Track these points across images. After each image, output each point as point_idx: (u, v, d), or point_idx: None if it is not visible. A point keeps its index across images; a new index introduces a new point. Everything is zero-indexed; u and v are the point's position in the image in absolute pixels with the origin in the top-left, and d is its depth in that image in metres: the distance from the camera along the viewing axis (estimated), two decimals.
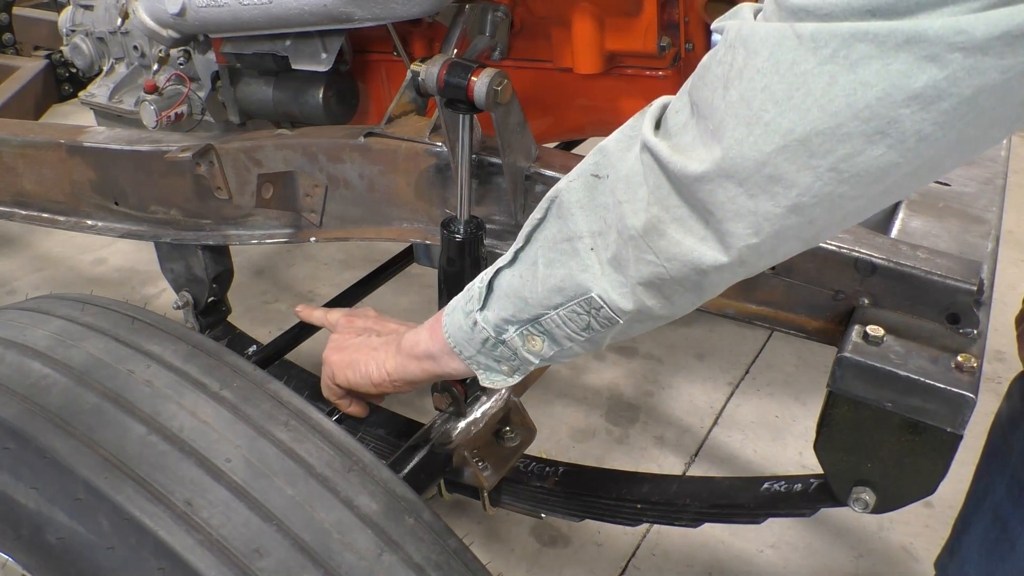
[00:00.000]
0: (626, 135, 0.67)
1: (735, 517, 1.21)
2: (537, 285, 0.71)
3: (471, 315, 0.77)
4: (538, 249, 0.71)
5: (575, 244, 0.68)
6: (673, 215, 0.61)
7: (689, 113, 0.60)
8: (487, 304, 0.76)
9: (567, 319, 0.71)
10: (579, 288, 0.68)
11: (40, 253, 2.85)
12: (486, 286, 0.76)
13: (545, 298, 0.70)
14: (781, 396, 2.23)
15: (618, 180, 0.64)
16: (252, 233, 1.29)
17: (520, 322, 0.74)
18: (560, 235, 0.69)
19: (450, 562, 0.75)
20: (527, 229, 0.73)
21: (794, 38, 0.52)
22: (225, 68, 1.31)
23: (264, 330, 2.33)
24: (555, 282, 0.69)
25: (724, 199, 0.57)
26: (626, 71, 1.15)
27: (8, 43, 2.24)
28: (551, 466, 1.34)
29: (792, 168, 0.54)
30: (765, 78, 0.53)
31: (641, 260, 0.64)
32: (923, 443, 0.89)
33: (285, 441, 0.76)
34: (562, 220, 0.69)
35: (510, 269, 0.74)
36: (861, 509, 0.98)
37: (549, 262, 0.70)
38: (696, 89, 0.59)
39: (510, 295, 0.73)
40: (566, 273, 0.69)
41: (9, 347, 0.82)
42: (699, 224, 0.60)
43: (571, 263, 0.68)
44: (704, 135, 0.58)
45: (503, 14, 1.12)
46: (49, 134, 1.43)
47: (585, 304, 0.69)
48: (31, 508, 0.71)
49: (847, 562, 1.77)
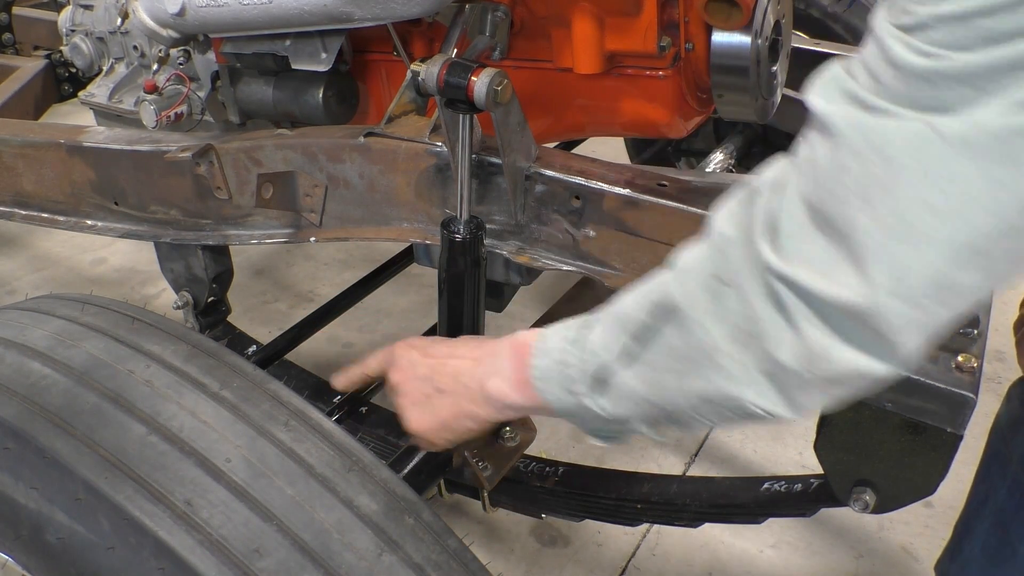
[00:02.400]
0: (734, 230, 0.61)
1: (735, 517, 1.21)
2: (673, 395, 0.67)
3: (580, 397, 0.73)
4: (661, 359, 0.67)
5: (715, 358, 0.62)
6: (827, 343, 0.56)
7: (809, 223, 0.56)
8: (603, 394, 0.71)
9: (710, 416, 0.67)
10: (728, 398, 0.64)
11: (40, 253, 2.84)
12: (591, 376, 0.71)
13: (687, 405, 0.67)
14: None
15: (747, 300, 0.59)
16: (252, 233, 1.29)
17: (651, 420, 0.71)
18: (690, 348, 0.64)
19: (450, 562, 0.75)
20: (634, 330, 0.68)
21: (939, 141, 0.49)
22: (225, 68, 1.31)
23: (264, 330, 2.33)
24: (697, 392, 0.65)
25: (891, 318, 0.54)
26: (626, 71, 1.15)
27: (8, 43, 2.24)
28: (551, 466, 1.34)
29: (963, 274, 0.52)
30: (918, 190, 0.50)
31: (799, 381, 0.60)
32: (923, 443, 0.89)
33: (285, 441, 0.76)
34: (688, 333, 0.64)
35: (626, 371, 0.69)
36: (861, 509, 0.98)
37: (682, 373, 0.65)
38: (823, 202, 0.55)
39: (634, 399, 0.70)
40: (710, 386, 0.64)
41: (9, 347, 0.82)
42: (860, 344, 0.56)
43: (714, 376, 0.63)
44: (849, 254, 0.54)
45: (503, 14, 1.12)
46: (49, 134, 1.43)
47: (736, 408, 0.64)
48: (31, 508, 0.71)
49: (847, 562, 1.77)
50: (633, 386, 0.69)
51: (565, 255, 1.10)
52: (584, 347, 0.72)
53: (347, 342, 2.41)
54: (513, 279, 1.29)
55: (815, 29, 2.01)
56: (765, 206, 0.59)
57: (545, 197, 1.07)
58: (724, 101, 1.16)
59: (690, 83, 1.16)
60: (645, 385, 0.68)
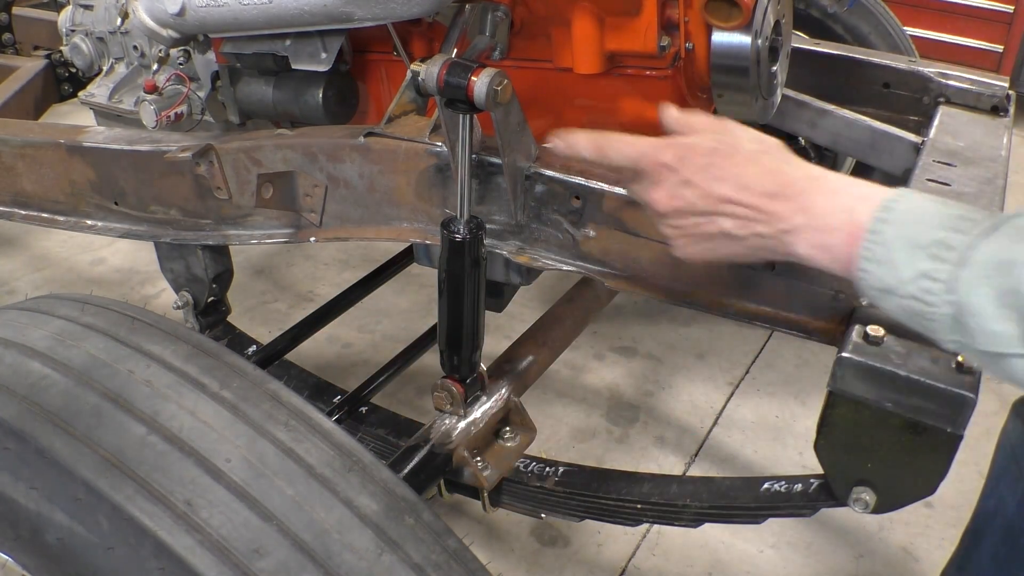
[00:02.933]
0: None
1: (735, 517, 1.21)
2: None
3: (926, 329, 0.68)
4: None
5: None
6: None
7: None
8: (966, 350, 0.67)
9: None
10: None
11: (40, 253, 2.84)
12: (955, 321, 0.66)
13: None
14: (781, 396, 2.23)
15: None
16: (252, 233, 1.29)
17: (1006, 380, 0.67)
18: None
19: (450, 562, 0.75)
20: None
21: None
22: (225, 68, 1.31)
23: (264, 330, 2.33)
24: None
25: None
26: (626, 71, 1.15)
27: (8, 43, 2.24)
28: (551, 466, 1.34)
29: None
30: None
31: None
32: (923, 443, 0.89)
33: (285, 441, 0.76)
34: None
35: None
36: (861, 509, 0.98)
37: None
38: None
39: (1014, 378, 0.66)
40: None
41: (9, 347, 0.82)
42: None
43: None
44: None
45: (503, 14, 1.12)
46: (49, 134, 1.43)
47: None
48: (31, 508, 0.71)
49: (847, 562, 1.77)
50: (1020, 372, 0.64)
51: (565, 255, 1.10)
52: (963, 303, 0.65)
53: (347, 342, 2.41)
54: (513, 279, 1.29)
55: (815, 29, 2.01)
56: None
57: (545, 197, 1.07)
58: (724, 101, 1.16)
59: (690, 83, 1.16)
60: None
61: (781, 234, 0.77)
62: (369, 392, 1.42)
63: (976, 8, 4.15)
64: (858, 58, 1.60)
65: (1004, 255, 0.64)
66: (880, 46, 1.99)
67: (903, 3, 3.01)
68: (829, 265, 0.76)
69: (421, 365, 1.60)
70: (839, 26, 2.03)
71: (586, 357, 2.36)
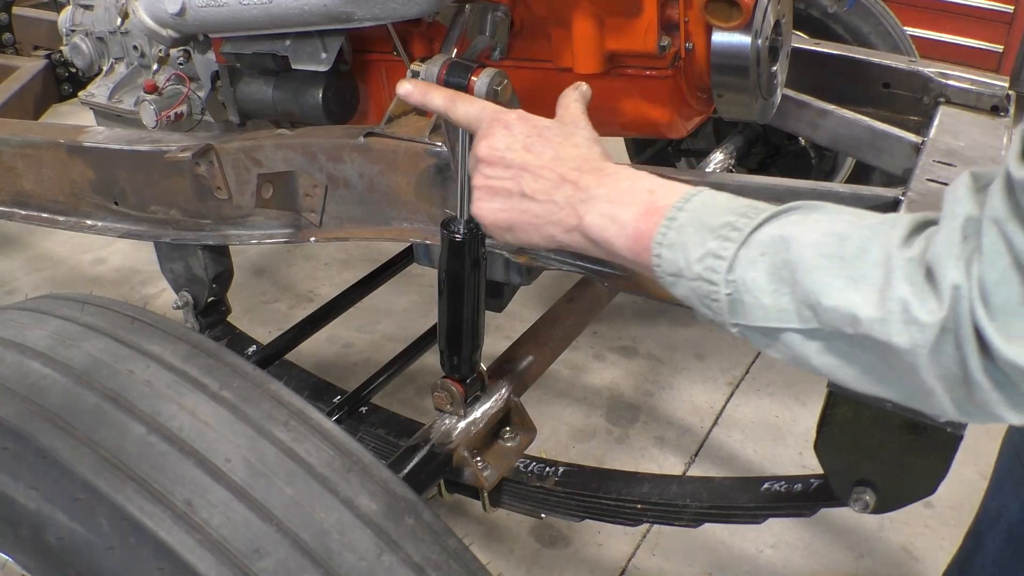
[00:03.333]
0: (961, 279, 0.55)
1: (735, 517, 1.21)
2: (851, 382, 0.64)
3: (713, 312, 0.68)
4: (850, 359, 0.63)
5: (922, 387, 0.60)
6: None
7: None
8: (747, 330, 0.67)
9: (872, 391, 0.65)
10: (911, 405, 0.63)
11: (40, 253, 2.84)
12: (736, 303, 0.67)
13: (858, 387, 0.64)
14: (781, 396, 2.23)
15: (964, 360, 0.55)
16: (252, 233, 1.29)
17: (794, 363, 0.67)
18: (889, 369, 0.61)
19: (450, 562, 0.75)
20: (821, 322, 0.63)
21: None
22: (225, 68, 1.31)
23: (264, 330, 2.33)
24: (881, 394, 0.64)
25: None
26: (626, 71, 1.15)
27: (8, 43, 2.24)
28: (551, 466, 1.34)
29: None
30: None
31: (996, 417, 0.58)
32: (923, 443, 0.89)
33: (285, 441, 0.76)
34: (890, 365, 0.60)
35: (801, 337, 0.65)
36: (861, 509, 0.98)
37: (875, 375, 0.63)
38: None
39: (798, 358, 0.66)
40: (897, 390, 0.62)
41: (9, 347, 0.82)
42: None
43: (904, 383, 0.61)
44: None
45: (503, 14, 1.12)
46: (49, 134, 1.43)
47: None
48: (31, 508, 0.71)
49: (847, 562, 1.77)
50: (805, 352, 0.65)
51: (565, 255, 1.10)
52: (741, 280, 0.66)
53: (347, 342, 2.41)
54: (513, 279, 1.29)
55: (815, 29, 2.01)
56: (979, 262, 0.55)
57: None
58: (724, 101, 1.16)
59: (690, 83, 1.16)
60: (819, 359, 0.64)
61: (578, 202, 0.77)
62: (369, 392, 1.42)
63: (976, 8, 4.15)
64: (858, 58, 1.60)
65: (782, 232, 0.66)
66: (880, 46, 1.99)
67: (903, 3, 3.01)
68: (616, 240, 0.74)
69: (421, 365, 1.60)
70: (839, 26, 2.03)
71: (586, 357, 2.36)
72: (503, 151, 0.82)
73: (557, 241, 0.80)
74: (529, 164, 0.81)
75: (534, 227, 0.81)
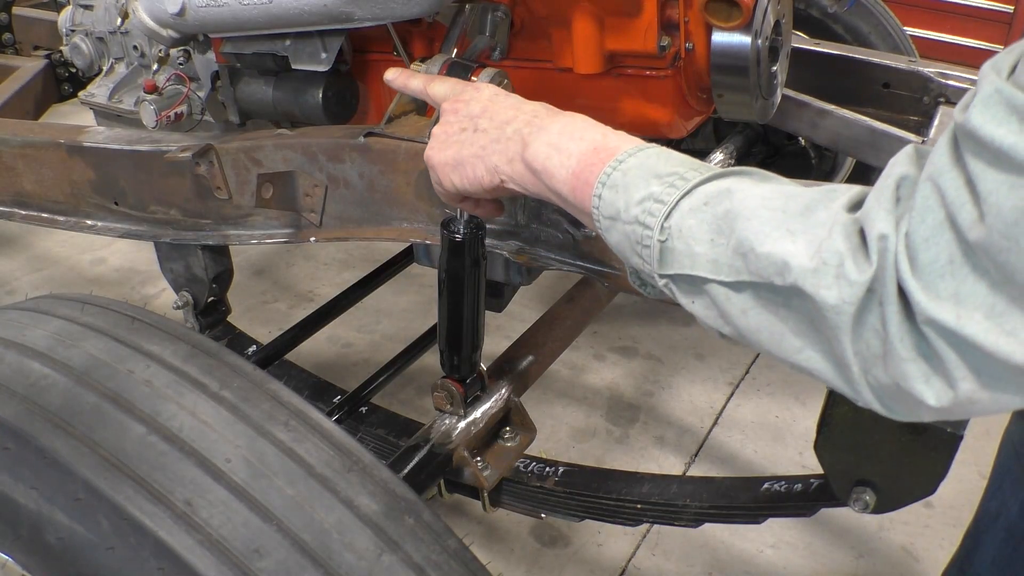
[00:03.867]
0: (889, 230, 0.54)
1: (735, 517, 1.21)
2: (773, 346, 0.63)
3: (642, 261, 0.67)
4: (769, 320, 0.62)
5: (837, 355, 0.58)
6: (979, 395, 0.52)
7: (963, 261, 0.50)
8: (675, 282, 0.66)
9: (790, 363, 0.63)
10: (829, 379, 0.61)
11: (40, 253, 2.84)
12: (677, 274, 0.65)
13: (780, 358, 0.63)
14: (781, 396, 2.23)
15: (887, 328, 0.54)
16: (252, 233, 1.29)
17: (718, 323, 0.66)
18: (811, 328, 0.60)
19: (450, 562, 0.75)
20: (745, 271, 0.61)
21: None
22: (225, 68, 1.30)
23: (264, 330, 2.33)
24: (795, 360, 0.62)
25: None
26: (626, 71, 1.15)
27: (8, 43, 2.24)
28: (551, 466, 1.34)
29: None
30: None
31: (927, 412, 0.56)
32: (923, 443, 0.89)
33: (285, 441, 0.76)
34: (811, 319, 0.59)
35: (720, 288, 0.64)
36: (861, 509, 0.98)
37: (795, 339, 0.61)
38: (994, 249, 0.48)
39: (723, 316, 0.65)
40: (814, 360, 0.60)
41: (9, 347, 0.82)
42: (1015, 391, 0.52)
43: (822, 358, 0.60)
44: (1021, 305, 0.49)
45: (503, 14, 1.12)
46: (49, 134, 1.43)
47: (826, 381, 0.61)
48: (31, 508, 0.71)
49: (847, 562, 1.77)
50: (729, 309, 0.63)
51: (565, 255, 1.10)
52: (677, 227, 0.65)
53: (347, 342, 2.41)
54: (513, 279, 1.29)
55: (815, 29, 2.01)
56: (909, 219, 0.54)
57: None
58: (724, 101, 1.16)
59: (690, 83, 1.16)
60: (743, 318, 0.63)
61: (526, 132, 0.78)
62: (369, 392, 1.41)
63: (976, 8, 4.15)
64: (858, 58, 1.60)
65: (729, 185, 0.65)
66: (880, 46, 1.99)
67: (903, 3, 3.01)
68: (557, 171, 0.74)
69: (421, 365, 1.60)
70: (839, 26, 2.03)
71: (586, 357, 2.36)
72: (467, 101, 0.84)
73: (499, 173, 0.80)
74: (488, 108, 0.83)
75: (479, 159, 0.81)
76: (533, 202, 1.08)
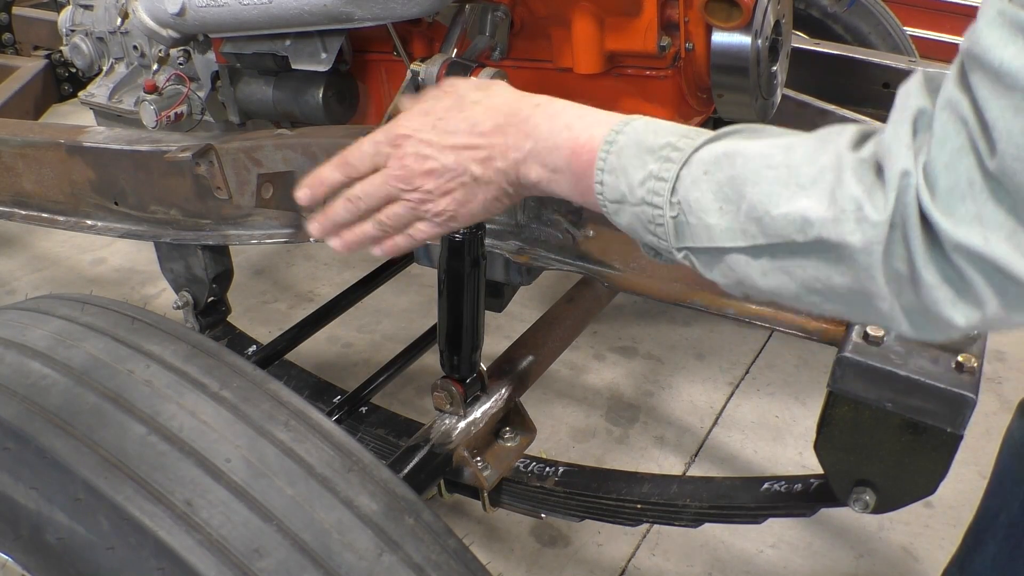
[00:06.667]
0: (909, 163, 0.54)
1: (735, 517, 1.21)
2: (795, 301, 0.63)
3: (657, 239, 0.67)
4: (796, 277, 0.62)
5: (871, 299, 0.58)
6: (1003, 315, 0.53)
7: (984, 187, 0.51)
8: (693, 253, 0.66)
9: (814, 306, 0.63)
10: (854, 316, 0.62)
11: (40, 253, 2.84)
12: (683, 227, 0.65)
13: (803, 301, 0.63)
14: (781, 396, 2.23)
15: (912, 255, 0.54)
16: (252, 233, 1.29)
17: (738, 288, 0.66)
18: (840, 287, 0.60)
19: (450, 562, 0.75)
20: (771, 236, 0.61)
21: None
22: (225, 68, 1.31)
23: (264, 330, 2.33)
24: (826, 311, 0.63)
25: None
26: (626, 71, 1.15)
27: (8, 43, 2.24)
28: (551, 466, 1.34)
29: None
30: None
31: (953, 330, 0.57)
32: (923, 443, 0.89)
33: (285, 441, 0.76)
34: (843, 278, 0.59)
35: (741, 256, 0.63)
36: (861, 509, 0.98)
37: (819, 296, 0.61)
38: (1010, 172, 0.49)
39: (743, 281, 0.64)
40: (850, 308, 0.61)
41: (9, 347, 0.82)
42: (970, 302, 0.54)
43: (858, 306, 0.60)
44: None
45: (503, 14, 1.12)
46: (49, 134, 1.43)
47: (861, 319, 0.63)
48: (31, 508, 0.71)
49: (847, 562, 1.77)
50: (750, 273, 0.63)
51: (565, 255, 1.10)
52: (685, 201, 0.65)
53: (347, 342, 2.41)
54: (513, 279, 1.29)
55: (815, 29, 2.01)
56: (928, 148, 0.53)
57: (545, 197, 1.07)
58: (724, 101, 1.16)
59: (690, 83, 1.16)
60: (763, 280, 0.63)
61: (516, 164, 0.76)
62: (369, 392, 1.42)
63: (976, 8, 4.15)
64: (858, 58, 1.60)
65: (725, 149, 0.64)
66: (880, 46, 1.99)
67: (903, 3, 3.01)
68: (563, 187, 0.74)
69: (421, 365, 1.60)
70: (839, 26, 2.03)
71: (586, 357, 2.36)
72: (429, 160, 0.78)
73: (491, 212, 0.79)
74: (460, 155, 0.77)
75: (502, 196, 0.79)
76: (533, 202, 1.08)
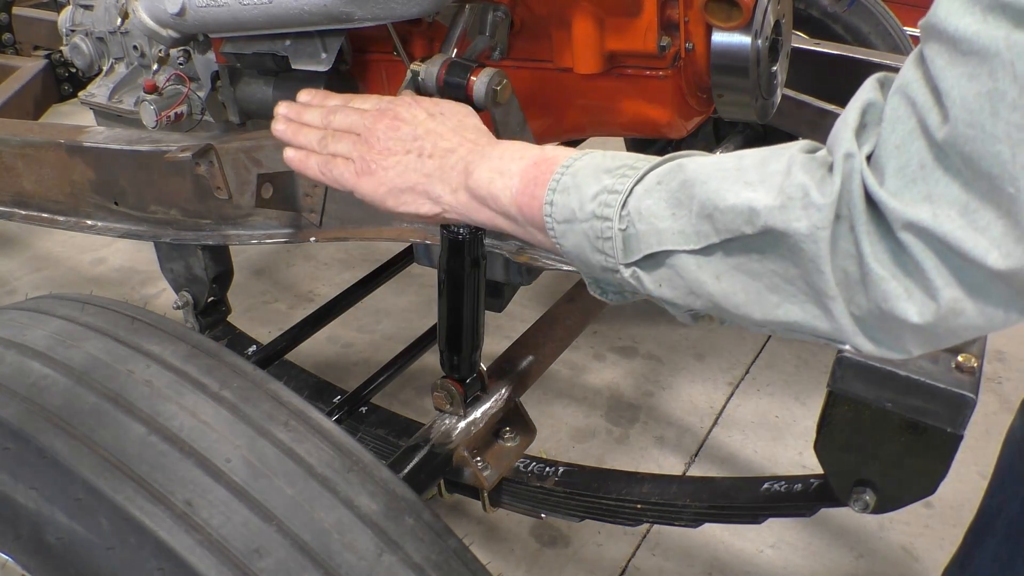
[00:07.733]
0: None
1: (735, 517, 1.21)
2: (745, 310, 0.62)
3: (604, 256, 0.67)
4: (746, 278, 0.61)
5: (821, 299, 0.57)
6: (962, 304, 0.51)
7: (934, 163, 0.50)
8: (648, 271, 0.65)
9: (776, 330, 0.63)
10: (811, 330, 0.60)
11: (40, 253, 2.84)
12: (644, 257, 0.65)
13: (760, 320, 0.62)
14: (781, 396, 2.23)
15: (859, 246, 0.54)
16: (252, 233, 1.29)
17: (694, 311, 0.67)
18: (789, 276, 0.59)
19: (450, 562, 0.75)
20: (721, 230, 0.60)
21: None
22: (225, 68, 1.30)
23: (264, 330, 2.33)
24: (774, 318, 0.61)
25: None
26: (626, 71, 1.15)
27: (8, 43, 2.24)
28: (551, 466, 1.34)
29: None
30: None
31: (914, 333, 0.55)
32: (923, 443, 0.89)
33: (285, 441, 0.76)
34: (791, 262, 0.58)
35: (692, 257, 0.63)
36: (861, 509, 0.98)
37: (772, 294, 0.60)
38: (961, 140, 0.48)
39: (695, 289, 0.64)
40: (794, 315, 0.60)
41: (9, 347, 0.82)
42: (997, 302, 0.51)
43: (803, 310, 0.59)
44: (996, 204, 0.48)
45: (503, 14, 1.12)
46: (49, 134, 1.43)
47: (810, 336, 0.61)
48: (31, 508, 0.71)
49: (847, 562, 1.77)
50: (697, 276, 0.63)
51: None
52: (636, 210, 0.65)
53: (347, 342, 2.41)
54: (513, 279, 1.29)
55: (815, 29, 2.01)
56: (877, 133, 0.54)
57: None
58: (724, 101, 1.16)
59: (690, 83, 1.16)
60: (715, 282, 0.62)
61: (468, 155, 0.78)
62: (369, 392, 1.42)
63: None
64: (858, 58, 1.60)
65: (681, 162, 0.65)
66: (880, 46, 1.99)
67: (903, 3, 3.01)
68: (502, 193, 0.74)
69: (421, 365, 1.60)
70: (839, 26, 2.03)
71: (586, 357, 2.36)
72: (406, 121, 0.83)
73: (441, 204, 0.79)
74: (431, 131, 0.82)
75: (423, 187, 0.80)
76: None
